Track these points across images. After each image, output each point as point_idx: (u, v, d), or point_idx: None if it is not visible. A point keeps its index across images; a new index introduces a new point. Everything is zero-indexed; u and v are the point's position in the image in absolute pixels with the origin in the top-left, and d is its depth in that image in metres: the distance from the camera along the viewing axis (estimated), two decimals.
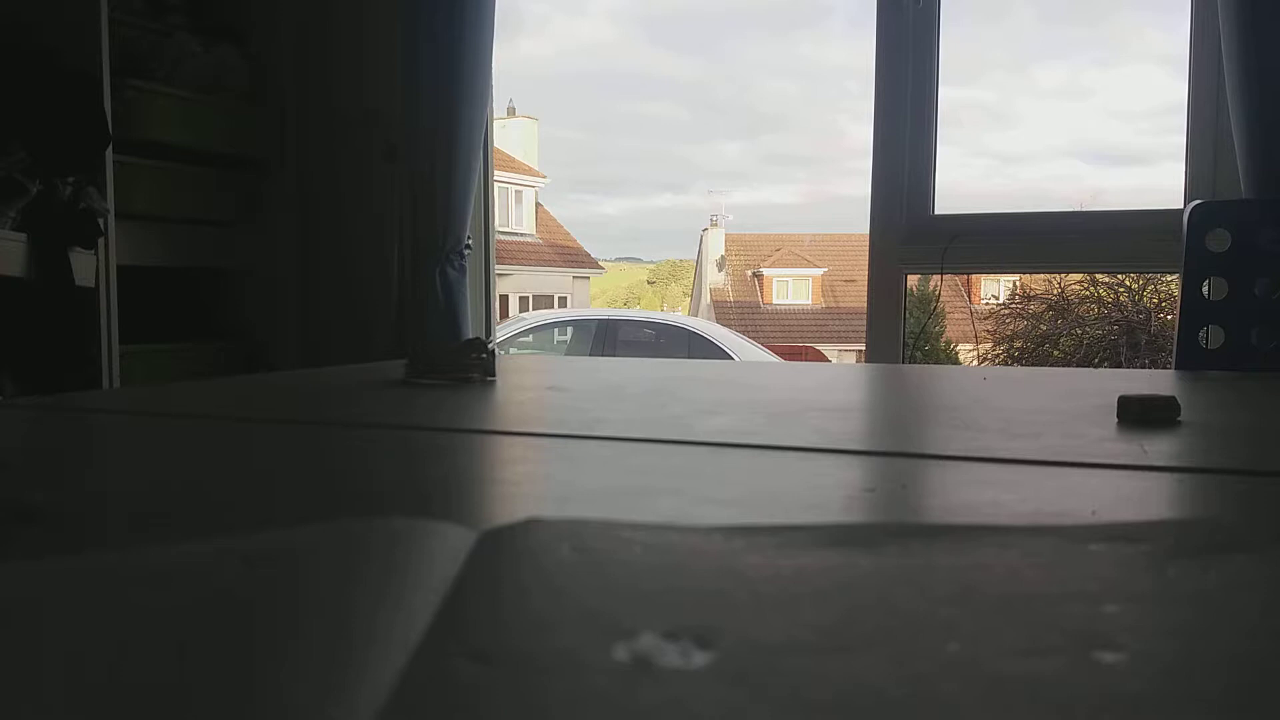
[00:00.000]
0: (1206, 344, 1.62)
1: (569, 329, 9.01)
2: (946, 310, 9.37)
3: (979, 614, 0.31)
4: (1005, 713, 0.24)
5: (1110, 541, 0.39)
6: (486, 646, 0.27)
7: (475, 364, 1.09)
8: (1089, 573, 0.36)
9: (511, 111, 19.72)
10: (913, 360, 2.66)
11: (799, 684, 0.25)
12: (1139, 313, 6.52)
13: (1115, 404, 0.79)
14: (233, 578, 0.34)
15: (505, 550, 0.37)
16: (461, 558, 0.36)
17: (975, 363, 7.38)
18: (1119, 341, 6.45)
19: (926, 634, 0.29)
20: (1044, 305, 6.96)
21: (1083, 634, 0.29)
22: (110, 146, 2.06)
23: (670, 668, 0.26)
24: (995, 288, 10.97)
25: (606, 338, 8.28)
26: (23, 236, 1.89)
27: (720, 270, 20.69)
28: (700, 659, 0.27)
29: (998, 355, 6.95)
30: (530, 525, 0.41)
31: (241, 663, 0.26)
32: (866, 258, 2.29)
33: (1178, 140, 2.22)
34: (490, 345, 1.13)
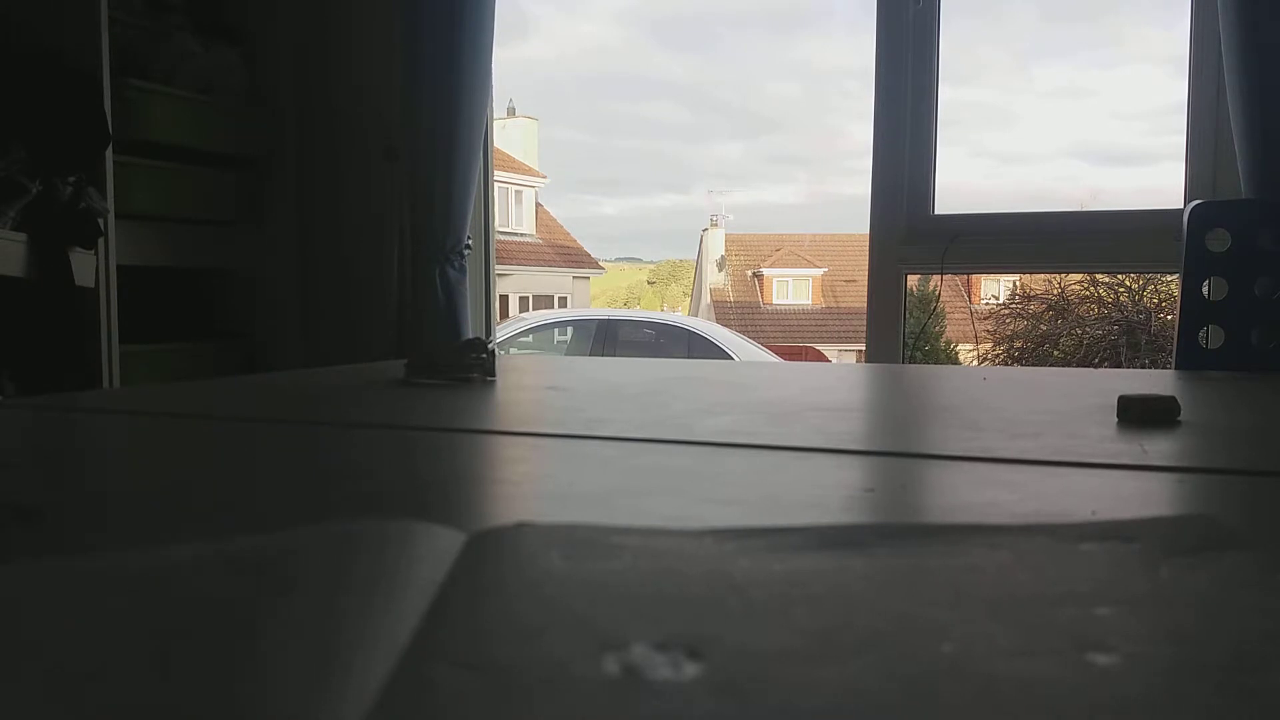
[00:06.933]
0: (1206, 344, 1.62)
1: (569, 329, 9.00)
2: (946, 310, 9.36)
3: (973, 616, 0.31)
4: (1000, 715, 0.24)
5: (1104, 540, 0.39)
6: (470, 655, 0.27)
7: (475, 364, 1.09)
8: (1083, 573, 0.36)
9: (511, 112, 19.70)
10: (913, 360, 2.66)
11: (791, 693, 0.25)
12: (1139, 313, 6.52)
13: (1115, 404, 0.79)
14: (218, 580, 0.34)
15: (492, 555, 0.37)
16: (448, 562, 0.35)
17: (975, 363, 7.38)
18: (1119, 341, 6.45)
19: (920, 637, 0.29)
20: (1044, 305, 6.96)
21: (1076, 635, 0.29)
22: (110, 146, 2.06)
23: (660, 679, 0.26)
24: (995, 288, 10.96)
25: (606, 338, 8.28)
26: (23, 236, 1.89)
27: (720, 270, 20.67)
28: (691, 670, 0.26)
29: (998, 355, 6.95)
30: (520, 529, 0.40)
31: (222, 667, 0.26)
32: (866, 258, 2.29)
33: (1178, 140, 2.22)
34: (490, 345, 1.13)
